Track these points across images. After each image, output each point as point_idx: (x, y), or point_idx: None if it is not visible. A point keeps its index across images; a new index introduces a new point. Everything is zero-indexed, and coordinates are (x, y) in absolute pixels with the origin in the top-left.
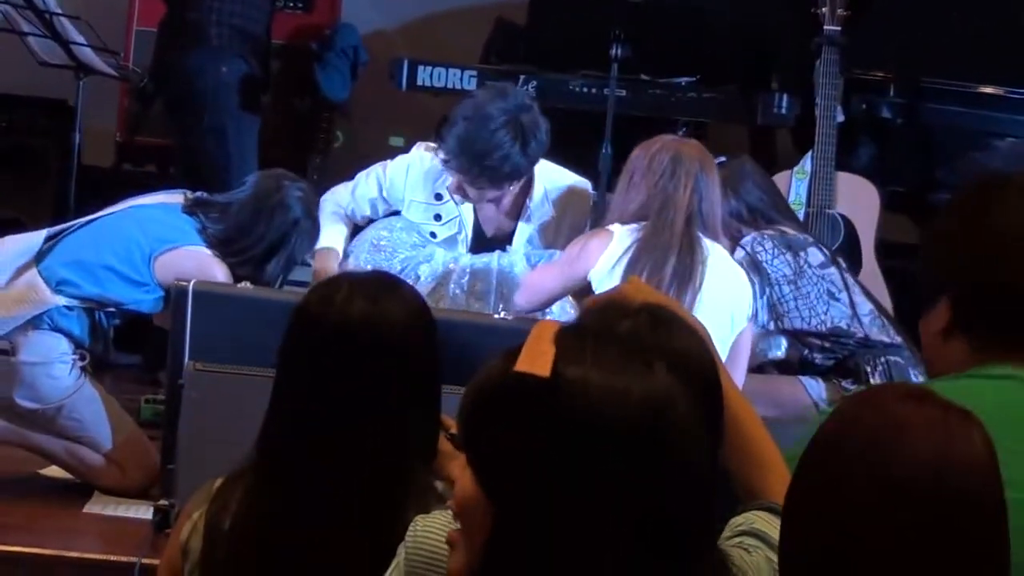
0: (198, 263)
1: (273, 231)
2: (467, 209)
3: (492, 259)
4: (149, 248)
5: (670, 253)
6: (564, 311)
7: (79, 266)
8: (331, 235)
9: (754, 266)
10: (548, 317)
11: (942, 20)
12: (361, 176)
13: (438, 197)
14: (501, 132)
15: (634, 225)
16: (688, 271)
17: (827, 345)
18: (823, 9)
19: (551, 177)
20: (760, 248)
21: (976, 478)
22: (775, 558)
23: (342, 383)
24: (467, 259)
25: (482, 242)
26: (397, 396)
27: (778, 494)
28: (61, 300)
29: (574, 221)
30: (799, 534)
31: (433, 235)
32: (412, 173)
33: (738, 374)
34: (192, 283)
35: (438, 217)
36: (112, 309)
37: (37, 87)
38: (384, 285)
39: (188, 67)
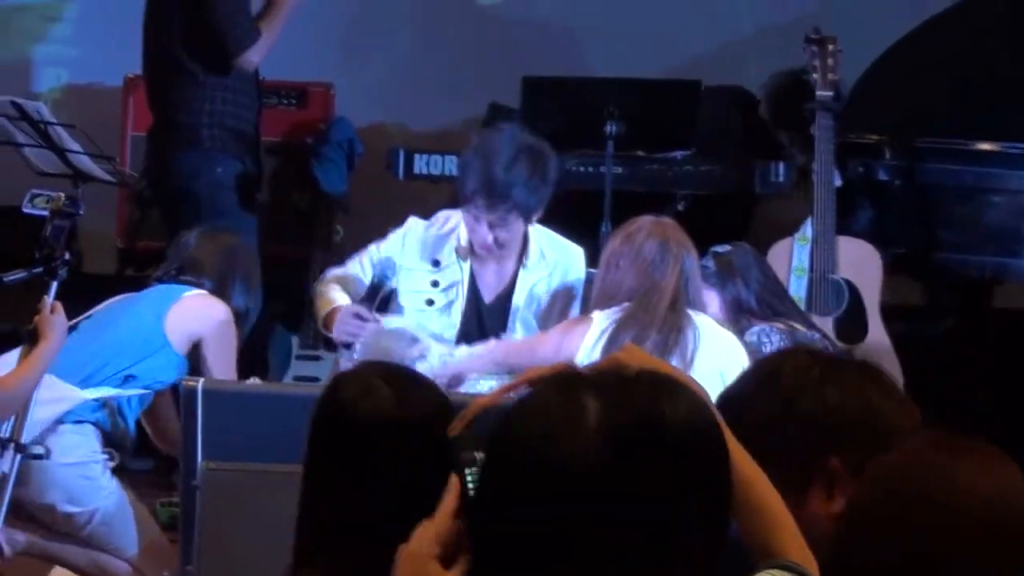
0: (199, 303)
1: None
2: (466, 274)
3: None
4: (156, 309)
5: (650, 330)
6: None
7: (95, 355)
8: (337, 297)
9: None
10: None
11: (934, 78)
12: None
13: (436, 264)
14: (519, 164)
15: (613, 308)
16: (672, 344)
17: None
18: (814, 75)
19: (545, 236)
20: (767, 340)
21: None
22: None
23: (378, 481)
24: (463, 351)
25: (479, 310)
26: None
27: (790, 552)
28: (90, 394)
29: (570, 281)
30: None
31: (430, 302)
32: (409, 241)
33: None
34: (201, 382)
35: (435, 284)
36: (136, 393)
37: None
38: (409, 379)
39: (183, 170)
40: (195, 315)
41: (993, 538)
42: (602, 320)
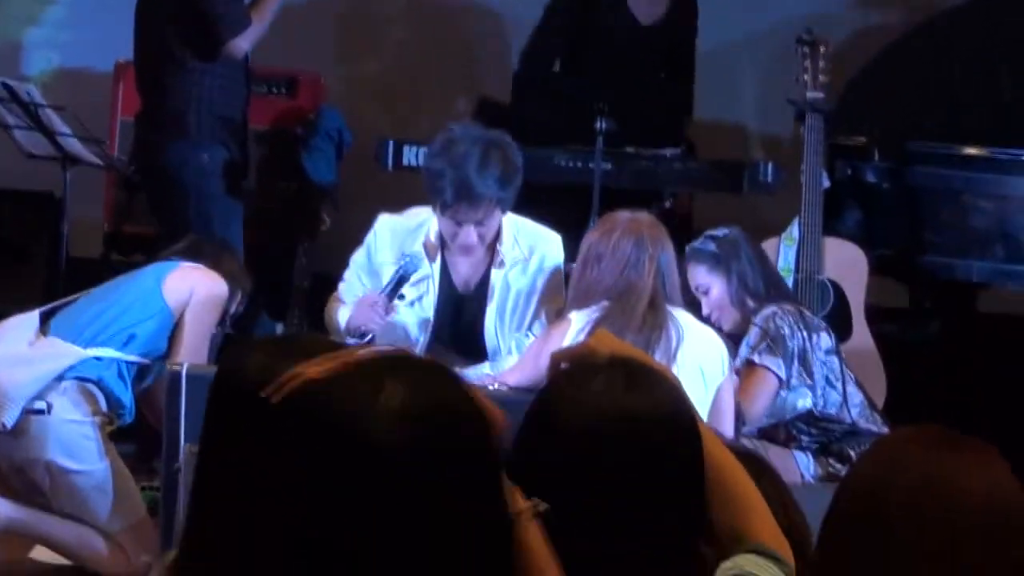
0: (198, 272)
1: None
2: (436, 270)
3: (483, 368)
4: (156, 274)
5: (627, 331)
6: None
7: (97, 315)
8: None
9: (772, 340)
10: None
11: (924, 82)
12: (343, 282)
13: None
14: (490, 163)
15: (591, 308)
16: (654, 343)
17: (814, 432)
18: (804, 76)
19: (518, 223)
20: (782, 323)
21: (1020, 499)
22: None
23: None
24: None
25: (453, 298)
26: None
27: (763, 536)
28: (91, 352)
29: (550, 267)
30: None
31: (401, 296)
32: (380, 238)
33: (724, 431)
34: (185, 367)
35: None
36: (135, 360)
37: (22, 179)
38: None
39: (170, 157)
40: (192, 278)
41: (983, 532)
42: (580, 319)
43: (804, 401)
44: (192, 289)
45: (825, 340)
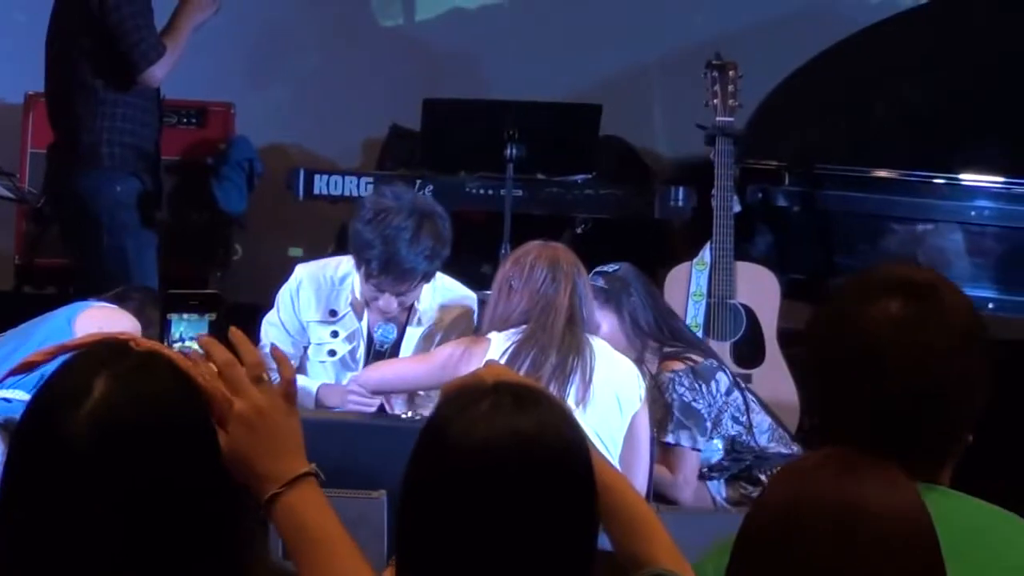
0: (108, 312)
1: None
2: (364, 324)
3: None
4: (67, 314)
5: (549, 351)
6: None
7: (7, 356)
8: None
9: (682, 413)
10: None
11: (837, 105)
12: (264, 336)
13: (332, 313)
14: (422, 239)
15: (512, 330)
16: (571, 366)
17: (725, 463)
18: (714, 100)
19: (435, 282)
20: (682, 388)
21: (926, 518)
22: None
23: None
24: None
25: (377, 355)
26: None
27: (661, 559)
28: (1, 393)
29: (460, 324)
30: None
31: (332, 352)
32: (303, 296)
33: (640, 459)
34: None
35: (335, 334)
36: None
37: None
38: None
39: (83, 189)
40: (102, 315)
41: (894, 553)
42: (501, 341)
43: (719, 454)
44: (100, 327)
45: (723, 381)
